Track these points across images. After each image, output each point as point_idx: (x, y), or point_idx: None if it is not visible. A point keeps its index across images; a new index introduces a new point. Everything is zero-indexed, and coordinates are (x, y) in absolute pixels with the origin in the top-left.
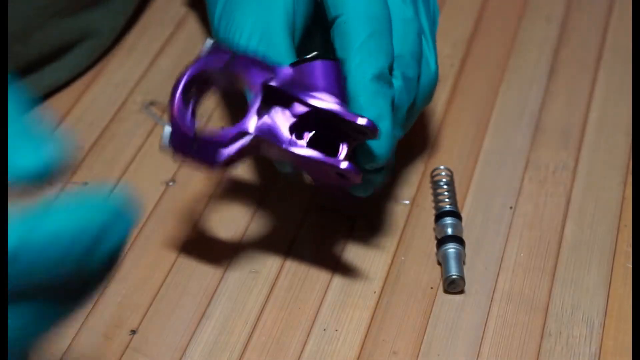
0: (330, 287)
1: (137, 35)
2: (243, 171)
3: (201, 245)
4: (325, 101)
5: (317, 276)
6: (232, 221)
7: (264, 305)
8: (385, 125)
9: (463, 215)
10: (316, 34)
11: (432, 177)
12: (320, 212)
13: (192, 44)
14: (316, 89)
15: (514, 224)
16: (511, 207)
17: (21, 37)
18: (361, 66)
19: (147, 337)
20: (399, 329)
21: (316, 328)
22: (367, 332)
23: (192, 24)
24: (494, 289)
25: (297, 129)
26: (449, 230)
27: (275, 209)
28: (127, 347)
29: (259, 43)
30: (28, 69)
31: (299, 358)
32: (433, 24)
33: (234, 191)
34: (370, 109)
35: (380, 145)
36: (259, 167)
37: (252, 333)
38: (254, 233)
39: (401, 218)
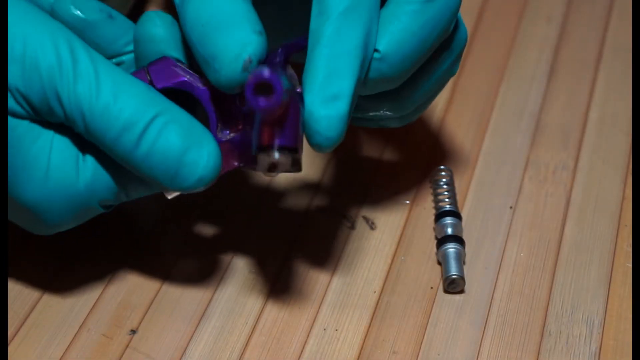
0: (330, 287)
1: None
2: (243, 171)
3: (201, 246)
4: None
5: (317, 276)
6: (231, 222)
7: (264, 305)
8: (339, 107)
9: (463, 215)
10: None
11: (432, 177)
12: (320, 212)
13: None
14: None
15: (514, 223)
16: (511, 207)
17: None
18: (333, 39)
19: (147, 336)
20: (399, 329)
21: (316, 328)
22: (367, 332)
23: None
24: (494, 289)
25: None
26: (449, 230)
27: (275, 209)
28: (127, 346)
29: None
30: None
31: (299, 358)
32: None
33: (234, 191)
34: (326, 88)
35: (330, 128)
36: None
37: (252, 333)
38: (253, 233)
39: (401, 218)
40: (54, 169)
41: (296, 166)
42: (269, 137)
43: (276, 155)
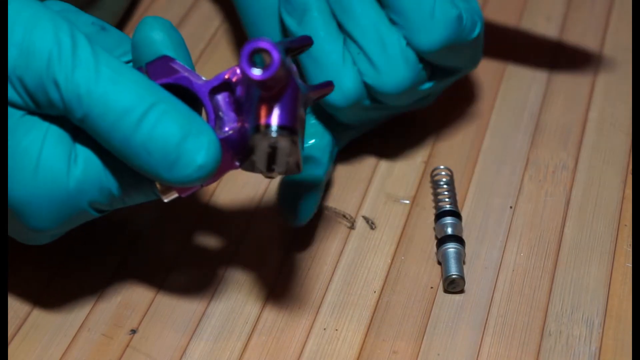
0: (330, 287)
1: None
2: (243, 171)
3: (201, 246)
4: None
5: (317, 276)
6: (232, 221)
7: (264, 305)
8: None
9: (463, 215)
10: None
11: (432, 176)
12: (320, 212)
13: (189, 46)
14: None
15: (514, 224)
16: (511, 207)
17: None
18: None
19: (147, 336)
20: (399, 328)
21: (316, 328)
22: (367, 332)
23: (192, 26)
24: (494, 289)
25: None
26: (449, 230)
27: (275, 209)
28: (127, 346)
29: None
30: None
31: (299, 358)
32: None
33: (234, 191)
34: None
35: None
36: None
37: (252, 333)
38: (254, 233)
39: (401, 218)
40: (44, 163)
41: (295, 160)
42: (267, 116)
43: (274, 134)
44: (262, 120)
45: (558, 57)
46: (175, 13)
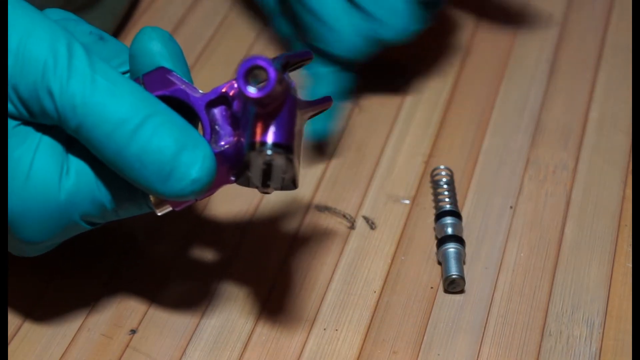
0: (330, 287)
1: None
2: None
3: (201, 246)
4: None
5: (317, 276)
6: (232, 222)
7: (264, 305)
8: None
9: (463, 215)
10: None
11: (432, 176)
12: (320, 212)
13: (189, 46)
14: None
15: (514, 223)
16: (511, 207)
17: None
18: None
19: (147, 336)
20: (399, 329)
21: (316, 328)
22: (367, 332)
23: (190, 27)
24: (494, 289)
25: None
26: (449, 230)
27: (275, 209)
28: (127, 346)
29: None
30: None
31: (299, 358)
32: None
33: (234, 191)
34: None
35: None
36: None
37: (252, 333)
38: (254, 233)
39: (401, 218)
40: (35, 175)
41: (291, 177)
42: (262, 133)
43: (269, 152)
44: (258, 138)
45: (558, 56)
46: (173, 14)
